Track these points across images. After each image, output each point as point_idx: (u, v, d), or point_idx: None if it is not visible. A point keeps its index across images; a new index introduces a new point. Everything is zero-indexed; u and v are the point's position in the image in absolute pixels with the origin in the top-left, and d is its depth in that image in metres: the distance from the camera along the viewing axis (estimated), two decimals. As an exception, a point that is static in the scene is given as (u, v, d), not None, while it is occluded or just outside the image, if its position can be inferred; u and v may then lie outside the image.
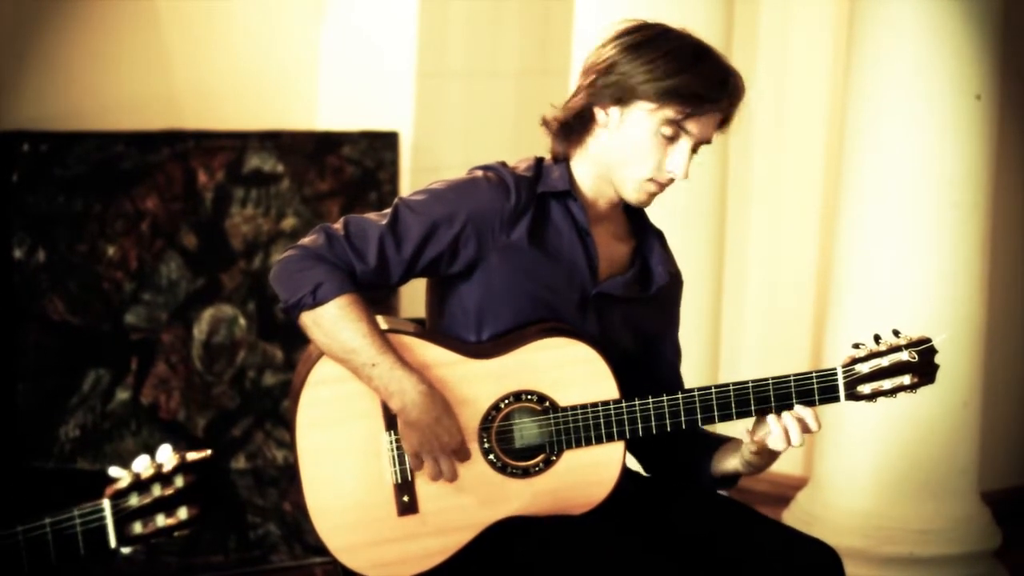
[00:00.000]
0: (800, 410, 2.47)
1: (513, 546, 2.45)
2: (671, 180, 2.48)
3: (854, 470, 3.95)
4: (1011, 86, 4.26)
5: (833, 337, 4.02)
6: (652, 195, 2.50)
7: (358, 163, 4.25)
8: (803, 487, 4.17)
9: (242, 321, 4.12)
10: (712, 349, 4.17)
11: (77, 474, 3.88)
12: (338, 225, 2.45)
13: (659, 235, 2.62)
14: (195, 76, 4.25)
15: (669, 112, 2.43)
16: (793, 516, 4.09)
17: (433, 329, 2.53)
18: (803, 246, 4.82)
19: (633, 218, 2.62)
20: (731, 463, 2.56)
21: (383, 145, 4.29)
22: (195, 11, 4.25)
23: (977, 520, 3.99)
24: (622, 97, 2.45)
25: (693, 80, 2.43)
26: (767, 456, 2.51)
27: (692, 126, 2.45)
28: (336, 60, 4.49)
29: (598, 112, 2.49)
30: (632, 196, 2.50)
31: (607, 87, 2.46)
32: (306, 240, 2.44)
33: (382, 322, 2.46)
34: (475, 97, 4.56)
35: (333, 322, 2.39)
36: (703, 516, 2.55)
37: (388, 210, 2.47)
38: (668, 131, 2.44)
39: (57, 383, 3.88)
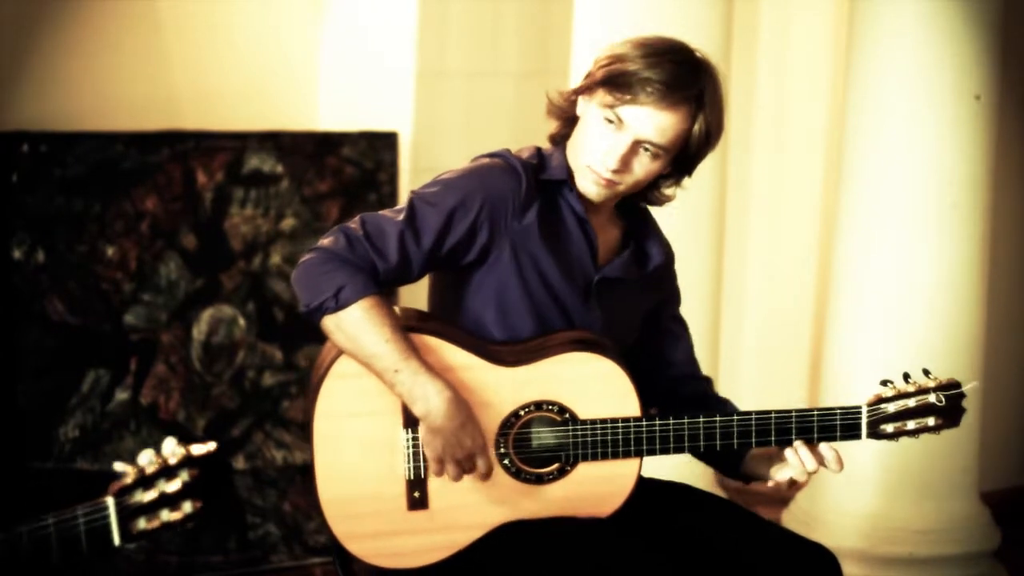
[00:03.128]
0: (824, 450, 2.50)
1: (514, 545, 2.45)
2: (610, 176, 2.46)
3: (854, 470, 3.94)
4: (1011, 86, 4.26)
5: (833, 337, 4.02)
6: (597, 186, 2.48)
7: (357, 163, 4.24)
8: (803, 487, 4.17)
9: (241, 321, 4.12)
10: (712, 349, 4.17)
11: (77, 474, 3.88)
12: (355, 225, 2.44)
13: (643, 212, 2.63)
14: (195, 76, 4.25)
15: (608, 98, 2.44)
16: (793, 516, 4.09)
17: (452, 323, 2.53)
18: (803, 246, 4.82)
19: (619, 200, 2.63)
20: (763, 469, 2.57)
21: (383, 145, 4.29)
22: (195, 11, 4.25)
23: (977, 520, 3.99)
24: (589, 86, 2.49)
25: (630, 69, 2.43)
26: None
27: (626, 115, 2.44)
28: (336, 60, 4.49)
29: (581, 102, 2.52)
30: (580, 184, 2.50)
31: (584, 78, 2.52)
32: (325, 241, 2.43)
33: (398, 313, 2.46)
34: (475, 97, 4.56)
35: (355, 326, 2.38)
36: (703, 520, 2.56)
37: (402, 206, 2.47)
38: (608, 115, 2.44)
39: (57, 383, 3.87)
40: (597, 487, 2.48)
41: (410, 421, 2.44)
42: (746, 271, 4.89)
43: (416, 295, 2.83)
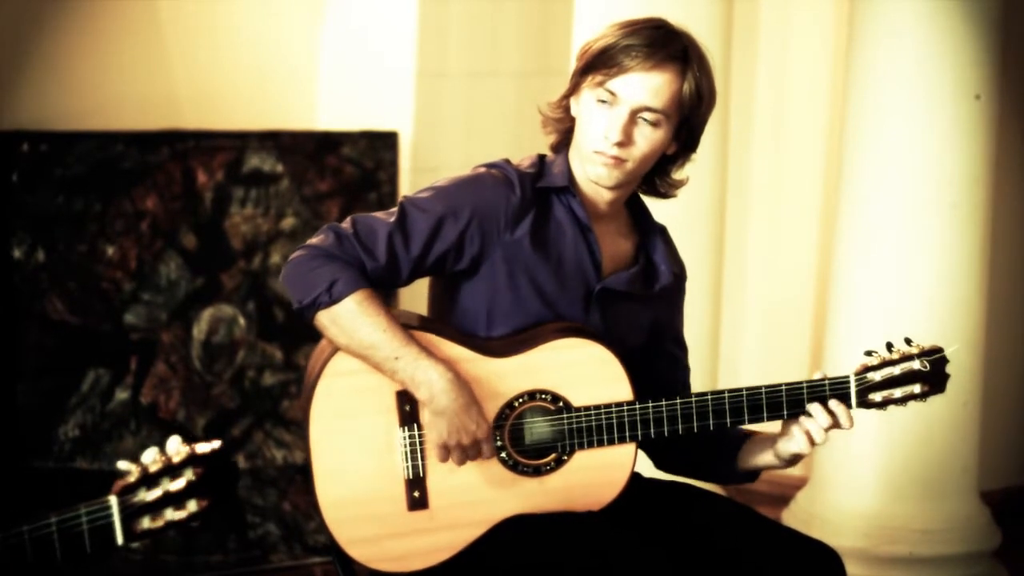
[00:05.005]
0: (834, 406, 2.49)
1: (516, 542, 2.45)
2: (616, 152, 2.46)
3: (854, 470, 3.95)
4: (1011, 86, 4.26)
5: (833, 337, 4.02)
6: (606, 168, 2.48)
7: (358, 163, 4.24)
8: (803, 487, 4.18)
9: (241, 321, 4.12)
10: (712, 349, 4.17)
11: (77, 474, 3.88)
12: (346, 224, 2.45)
13: (662, 231, 2.63)
14: (195, 76, 4.25)
15: (597, 77, 2.46)
16: (793, 516, 4.09)
17: (442, 321, 2.53)
18: (803, 246, 4.82)
19: (636, 215, 2.63)
20: (763, 458, 2.56)
21: (383, 145, 4.29)
22: (195, 11, 4.25)
23: (977, 520, 3.99)
24: (579, 82, 2.51)
25: (609, 43, 2.46)
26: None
27: (617, 86, 2.45)
28: (336, 60, 4.49)
29: (572, 104, 2.53)
30: (590, 171, 2.50)
31: (570, 79, 2.53)
32: (315, 240, 2.44)
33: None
34: (475, 97, 4.56)
35: (352, 318, 2.39)
36: (705, 518, 2.55)
37: (394, 209, 2.48)
38: (602, 95, 2.46)
39: (57, 383, 3.87)
40: (595, 475, 2.48)
41: (406, 419, 2.44)
42: (746, 270, 4.89)
43: (416, 302, 2.83)
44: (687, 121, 2.50)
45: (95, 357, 3.92)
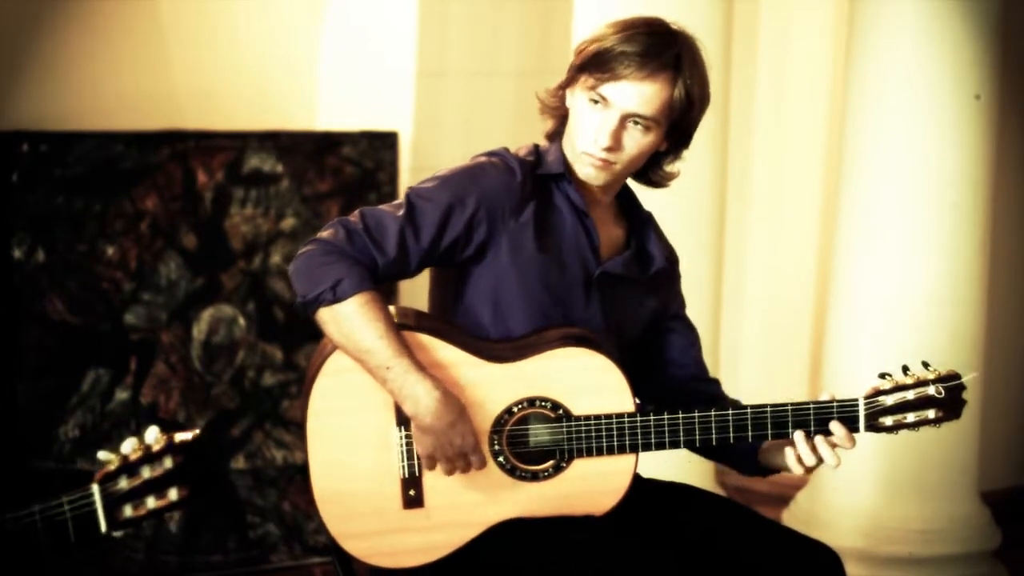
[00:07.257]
0: (836, 431, 2.48)
1: (513, 544, 2.45)
2: (605, 155, 2.47)
3: (854, 470, 3.95)
4: (1011, 86, 4.26)
5: (832, 337, 4.02)
6: (595, 168, 2.50)
7: (358, 163, 4.24)
8: (803, 487, 4.18)
9: (241, 321, 4.12)
10: (712, 349, 4.17)
11: (77, 474, 3.87)
12: (355, 218, 2.45)
13: (649, 218, 2.65)
14: (195, 76, 4.25)
15: (590, 79, 2.48)
16: (793, 516, 4.09)
17: (449, 320, 2.54)
18: (803, 246, 4.82)
19: (624, 203, 2.64)
20: (781, 459, 2.55)
21: (383, 145, 4.29)
22: (195, 11, 4.25)
23: (977, 520, 3.99)
24: (572, 76, 2.53)
25: (604, 47, 2.47)
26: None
27: (609, 92, 2.46)
28: (336, 60, 4.49)
29: (568, 95, 2.55)
30: (580, 171, 2.52)
31: (567, 72, 2.56)
32: (325, 234, 2.44)
33: (394, 313, 2.46)
34: (475, 97, 4.56)
35: (350, 320, 2.39)
36: (705, 519, 2.55)
37: (399, 201, 2.48)
38: (593, 96, 2.47)
39: (57, 383, 3.87)
40: (593, 484, 2.48)
41: (403, 419, 2.45)
42: (746, 271, 4.89)
43: (416, 294, 2.83)
44: (677, 124, 2.51)
45: (95, 357, 3.92)
